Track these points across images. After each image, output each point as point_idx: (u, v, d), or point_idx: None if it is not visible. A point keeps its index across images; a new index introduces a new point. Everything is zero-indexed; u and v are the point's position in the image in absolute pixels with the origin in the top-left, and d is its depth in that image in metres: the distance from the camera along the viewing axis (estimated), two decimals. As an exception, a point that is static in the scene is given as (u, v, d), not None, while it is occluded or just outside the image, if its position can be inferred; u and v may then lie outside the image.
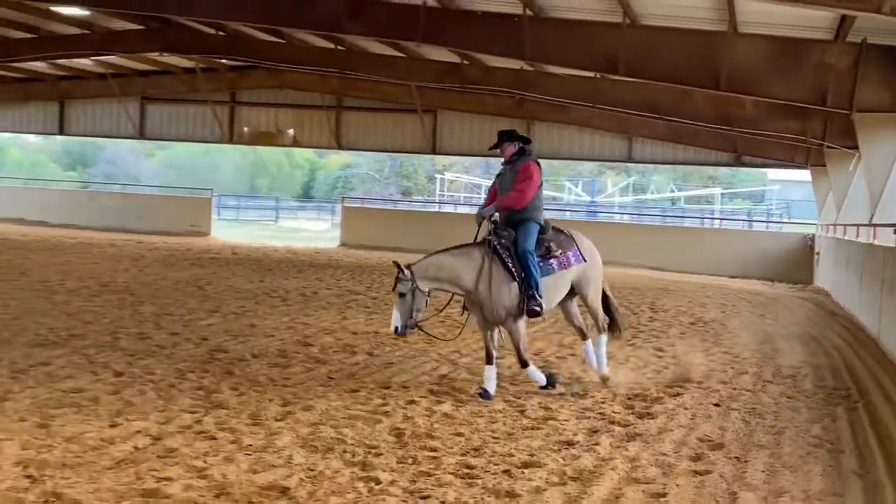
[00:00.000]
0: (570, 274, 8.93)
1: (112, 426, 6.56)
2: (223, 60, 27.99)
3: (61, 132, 34.30)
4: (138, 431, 6.45)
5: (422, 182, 60.70)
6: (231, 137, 32.19)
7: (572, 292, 9.16)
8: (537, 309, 8.42)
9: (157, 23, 22.94)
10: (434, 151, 31.81)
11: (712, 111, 21.97)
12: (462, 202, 46.43)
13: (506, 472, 6.04)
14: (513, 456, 6.39)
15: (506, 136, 8.91)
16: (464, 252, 8.53)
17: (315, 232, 39.87)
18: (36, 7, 21.26)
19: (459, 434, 6.91)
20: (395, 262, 8.31)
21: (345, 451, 6.28)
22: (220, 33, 23.42)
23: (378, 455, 6.25)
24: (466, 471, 6.02)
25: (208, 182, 40.82)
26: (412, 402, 7.88)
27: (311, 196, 63.14)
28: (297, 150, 56.32)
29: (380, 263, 23.19)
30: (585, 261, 9.01)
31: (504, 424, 7.29)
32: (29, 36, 24.55)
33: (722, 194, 53.17)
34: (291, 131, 31.48)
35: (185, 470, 5.69)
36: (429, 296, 8.35)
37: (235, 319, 12.22)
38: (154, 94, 31.78)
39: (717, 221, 40.21)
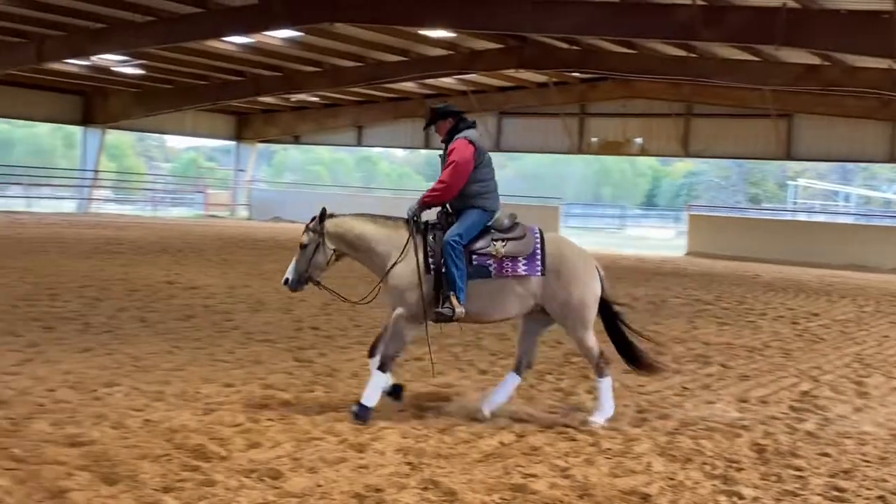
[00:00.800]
0: (522, 287, 6.93)
1: (479, 421, 6.89)
2: (575, 74, 28.51)
3: (427, 146, 36.74)
4: (503, 427, 6.72)
5: (771, 189, 57.82)
6: (580, 148, 32.69)
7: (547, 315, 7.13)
8: (446, 312, 6.79)
9: (514, 41, 23.86)
10: (788, 157, 30.26)
11: None
12: (817, 209, 43.61)
13: (880, 497, 5.59)
14: (887, 481, 5.90)
15: (439, 113, 7.27)
16: (391, 226, 7.11)
17: (660, 240, 39.32)
18: (408, 32, 22.97)
19: (826, 454, 6.48)
20: (323, 209, 7.14)
21: (704, 463, 6.12)
22: (574, 48, 23.86)
23: (739, 469, 6.03)
24: (836, 493, 5.63)
25: (555, 191, 41.75)
26: (772, 417, 7.51)
27: (655, 204, 62.40)
28: (640, 158, 55.99)
29: (729, 273, 22.40)
30: (544, 275, 6.93)
31: (875, 448, 6.73)
32: (400, 59, 26.57)
33: None
34: (639, 140, 31.35)
35: (549, 468, 5.84)
36: (336, 258, 7.17)
37: (587, 325, 12.35)
38: (509, 109, 33.06)
39: None
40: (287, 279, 7.09)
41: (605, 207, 57.41)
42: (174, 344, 9.42)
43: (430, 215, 7.17)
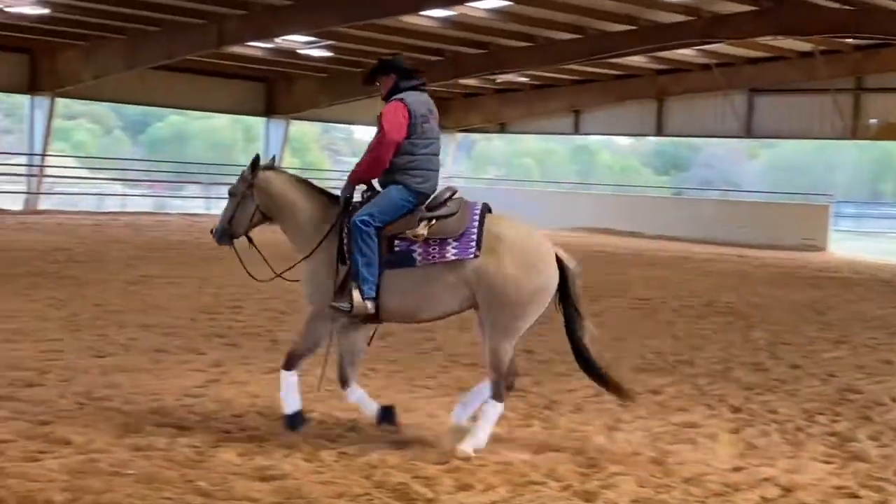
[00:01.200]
0: (455, 275, 6.74)
1: (735, 470, 6.72)
2: (848, 40, 27.31)
3: (658, 133, 36.24)
4: (766, 479, 6.53)
5: None
6: (854, 132, 31.33)
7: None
8: (342, 307, 6.82)
9: (770, 1, 23.15)
10: None
11: None
12: None
13: None
14: None
15: (383, 66, 7.27)
16: (323, 203, 7.27)
17: (960, 247, 37.01)
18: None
19: None
20: (256, 155, 7.40)
21: None
22: (846, 7, 22.87)
23: None
24: None
25: (822, 186, 40.12)
26: None
27: (955, 203, 58.87)
28: (934, 145, 52.86)
29: None
30: (477, 256, 6.69)
31: None
32: (628, 28, 26.30)
33: None
34: (933, 121, 29.71)
35: (826, 532, 5.62)
36: (263, 217, 7.34)
37: (867, 353, 11.85)
38: (763, 85, 32.10)
39: None
40: (212, 229, 7.45)
41: (886, 206, 54.76)
42: (369, 365, 9.70)
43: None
